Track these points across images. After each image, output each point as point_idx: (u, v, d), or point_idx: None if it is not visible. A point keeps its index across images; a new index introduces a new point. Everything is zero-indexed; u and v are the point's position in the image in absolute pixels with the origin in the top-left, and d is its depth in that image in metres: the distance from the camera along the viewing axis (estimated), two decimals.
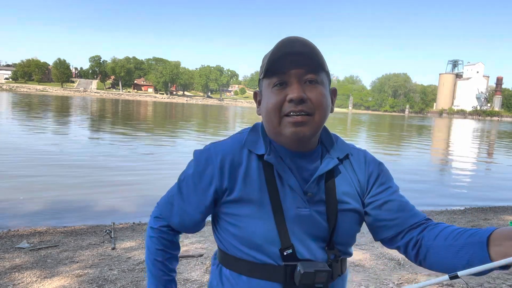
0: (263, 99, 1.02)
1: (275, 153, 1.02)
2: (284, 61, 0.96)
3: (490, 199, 8.28)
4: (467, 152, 20.71)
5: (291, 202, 0.98)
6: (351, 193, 1.04)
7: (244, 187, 0.99)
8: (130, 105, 60.65)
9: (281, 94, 0.97)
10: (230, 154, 1.03)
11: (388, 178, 1.12)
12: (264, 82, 1.01)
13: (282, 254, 0.96)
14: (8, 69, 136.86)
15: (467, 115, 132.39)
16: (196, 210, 1.06)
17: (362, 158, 1.12)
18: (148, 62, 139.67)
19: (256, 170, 1.00)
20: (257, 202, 0.98)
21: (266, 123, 1.03)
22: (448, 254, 0.92)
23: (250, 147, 1.03)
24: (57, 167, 9.12)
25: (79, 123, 23.57)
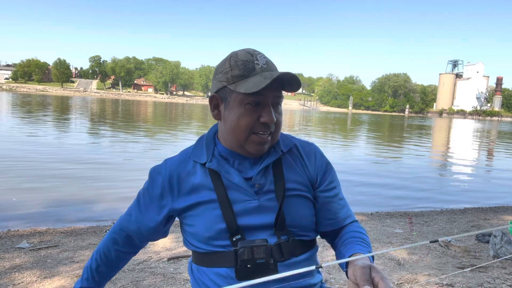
0: (230, 111, 1.06)
1: (218, 158, 1.12)
2: (268, 87, 1.01)
3: (490, 199, 8.28)
4: (467, 152, 20.71)
5: (238, 196, 1.08)
6: (300, 181, 1.15)
7: (192, 194, 1.11)
8: (130, 105, 60.65)
9: (254, 114, 1.04)
10: (177, 167, 1.14)
11: (334, 177, 1.23)
12: (236, 94, 1.04)
13: (232, 240, 1.06)
14: (8, 69, 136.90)
15: (467, 115, 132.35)
16: (151, 220, 1.17)
17: (313, 152, 1.21)
18: (148, 62, 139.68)
19: (202, 177, 1.11)
20: (206, 202, 1.09)
21: (230, 134, 1.08)
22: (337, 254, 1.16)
23: (194, 158, 1.14)
24: (57, 167, 9.11)
25: (79, 123, 23.57)
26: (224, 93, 1.07)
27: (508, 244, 4.11)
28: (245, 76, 1.03)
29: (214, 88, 1.10)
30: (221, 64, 1.09)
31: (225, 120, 1.08)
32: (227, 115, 1.07)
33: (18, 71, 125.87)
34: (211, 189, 1.08)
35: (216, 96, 1.10)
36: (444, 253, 4.33)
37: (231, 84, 1.04)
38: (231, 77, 1.04)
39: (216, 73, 1.10)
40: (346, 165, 11.96)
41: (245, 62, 1.03)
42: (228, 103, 1.06)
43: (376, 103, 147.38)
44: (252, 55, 1.04)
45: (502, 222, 5.96)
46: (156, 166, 1.20)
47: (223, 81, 1.06)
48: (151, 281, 3.19)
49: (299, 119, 48.61)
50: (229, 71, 1.05)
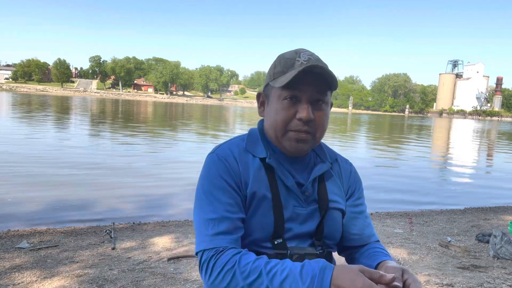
0: (270, 106, 1.09)
1: (275, 156, 1.10)
2: (302, 79, 1.02)
3: (490, 199, 8.28)
4: (467, 152, 20.71)
5: (290, 201, 1.08)
6: (339, 194, 1.17)
7: (249, 186, 1.06)
8: (130, 105, 60.65)
9: (291, 109, 1.04)
10: (238, 154, 1.10)
11: (362, 195, 1.25)
12: (275, 90, 1.06)
13: (273, 243, 1.05)
14: (8, 69, 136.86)
15: (467, 115, 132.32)
16: (239, 209, 1.05)
17: (349, 168, 1.25)
18: (148, 62, 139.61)
19: (259, 171, 1.08)
20: (261, 198, 1.06)
21: (270, 129, 1.10)
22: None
23: (251, 151, 1.10)
24: (57, 167, 9.11)
25: (79, 123, 23.57)
26: (267, 90, 1.11)
27: (508, 244, 4.11)
28: (284, 72, 1.04)
29: (263, 88, 1.15)
30: (272, 64, 1.11)
31: (267, 116, 1.11)
32: (268, 111, 1.10)
33: (18, 71, 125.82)
34: (267, 186, 1.07)
35: (261, 94, 1.14)
36: (444, 253, 4.33)
37: (272, 81, 1.07)
38: (273, 74, 1.07)
39: (268, 73, 1.13)
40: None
41: (288, 59, 1.05)
42: (269, 99, 1.10)
43: (376, 103, 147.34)
44: (297, 52, 1.06)
45: (502, 222, 5.96)
46: (214, 154, 1.10)
47: (267, 79, 1.10)
48: (151, 281, 3.19)
49: None
50: (273, 68, 1.08)
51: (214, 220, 1.01)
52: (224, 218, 1.01)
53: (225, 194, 1.03)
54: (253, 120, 38.76)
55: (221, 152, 1.10)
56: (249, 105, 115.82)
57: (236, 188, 1.05)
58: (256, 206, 1.05)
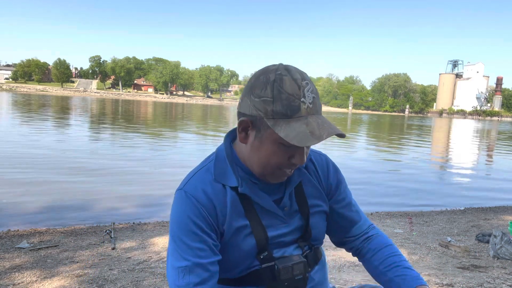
0: (261, 144, 0.96)
1: (246, 181, 1.02)
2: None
3: (490, 199, 8.28)
4: (467, 151, 20.71)
5: (271, 221, 1.05)
6: (318, 195, 1.14)
7: (226, 220, 1.01)
8: (130, 105, 60.65)
9: (285, 154, 0.96)
10: (211, 188, 1.01)
11: (345, 186, 1.21)
12: (270, 131, 0.93)
13: (259, 258, 1.04)
14: (8, 69, 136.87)
15: (467, 115, 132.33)
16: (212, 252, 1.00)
17: (325, 163, 1.18)
18: (148, 62, 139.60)
19: (233, 203, 1.02)
20: (240, 228, 1.02)
21: (256, 167, 1.00)
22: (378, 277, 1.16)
23: (221, 181, 1.02)
24: (57, 167, 9.11)
25: (79, 123, 23.57)
26: (258, 123, 0.94)
27: (508, 244, 4.11)
28: (287, 116, 0.90)
29: (247, 109, 0.95)
30: (260, 84, 0.93)
31: (253, 150, 0.98)
32: (256, 146, 0.97)
33: (18, 71, 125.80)
34: (242, 214, 1.02)
35: (247, 121, 0.96)
36: (444, 253, 4.33)
37: (269, 119, 0.91)
38: (271, 111, 0.91)
39: (252, 91, 0.94)
40: (346, 164, 11.95)
41: (291, 96, 0.89)
42: (261, 136, 0.95)
43: (376, 103, 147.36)
44: (300, 87, 0.90)
45: (502, 222, 5.96)
46: (188, 187, 1.02)
47: (260, 111, 0.92)
48: (151, 281, 3.19)
49: None
50: (270, 102, 0.90)
51: (185, 268, 0.96)
52: (195, 265, 0.96)
53: (195, 239, 0.96)
54: None
55: (190, 188, 1.01)
56: None
57: (208, 229, 0.98)
58: (236, 237, 1.02)
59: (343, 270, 3.62)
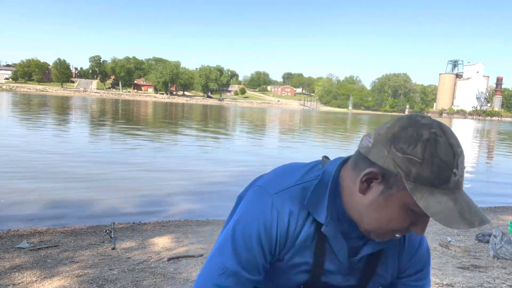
0: (386, 203, 0.83)
1: (334, 220, 0.91)
2: None
3: (490, 199, 8.28)
4: (467, 151, 20.71)
5: (331, 266, 0.96)
6: (391, 270, 1.02)
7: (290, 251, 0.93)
8: (130, 105, 60.65)
9: (408, 221, 0.84)
10: (297, 212, 0.91)
11: (425, 274, 1.07)
12: (405, 194, 0.80)
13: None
14: (8, 69, 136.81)
15: (467, 115, 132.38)
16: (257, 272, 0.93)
17: (417, 243, 1.03)
18: (148, 62, 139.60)
19: (307, 236, 0.92)
20: (300, 263, 0.95)
21: (366, 222, 0.88)
22: None
23: (310, 209, 0.91)
24: (57, 167, 9.12)
25: (79, 123, 23.57)
26: (392, 180, 0.81)
27: (508, 244, 4.11)
28: (433, 185, 0.77)
29: (380, 159, 0.81)
30: (408, 138, 0.79)
31: (372, 205, 0.85)
32: (379, 203, 0.84)
33: (18, 71, 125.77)
34: (311, 251, 0.93)
35: (377, 174, 0.82)
36: (444, 253, 4.33)
37: (409, 182, 0.78)
38: (415, 174, 0.77)
39: (394, 142, 0.80)
40: None
41: (443, 165, 0.77)
42: (389, 194, 0.82)
43: (376, 103, 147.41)
44: (455, 154, 0.78)
45: (502, 222, 5.96)
46: (277, 199, 0.91)
47: (401, 169, 0.78)
48: (151, 281, 3.19)
49: (300, 119, 48.60)
50: (417, 164, 0.77)
51: (226, 270, 0.90)
52: (235, 274, 0.90)
53: (250, 251, 0.90)
54: (253, 120, 38.76)
55: (278, 201, 0.90)
56: (249, 105, 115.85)
57: (268, 252, 0.91)
58: (292, 269, 0.94)
59: None
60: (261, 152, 14.81)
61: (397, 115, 28.41)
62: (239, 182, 8.64)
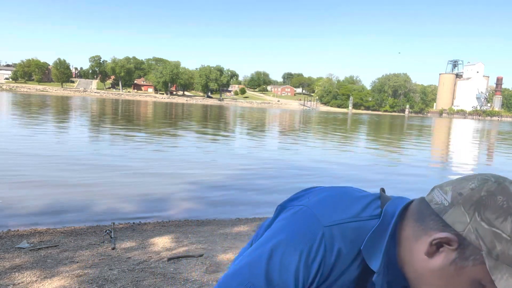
0: (455, 276, 0.73)
1: (384, 271, 0.82)
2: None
3: None
4: (467, 151, 20.72)
5: None
6: None
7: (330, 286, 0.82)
8: (130, 105, 60.65)
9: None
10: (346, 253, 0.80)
11: None
12: (480, 271, 0.70)
13: None
14: (8, 69, 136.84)
15: (467, 115, 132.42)
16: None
17: None
18: (148, 62, 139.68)
19: (351, 278, 0.82)
20: None
21: (427, 286, 0.77)
22: None
23: (365, 253, 0.79)
24: (57, 167, 9.12)
25: (80, 123, 23.58)
26: (469, 251, 0.70)
27: None
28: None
29: (459, 224, 0.71)
30: (497, 208, 0.69)
31: (440, 273, 0.74)
32: (448, 272, 0.73)
33: (18, 71, 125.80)
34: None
35: (454, 241, 0.72)
36: None
37: (491, 259, 0.68)
38: (500, 251, 0.68)
39: (479, 209, 0.70)
40: (346, 164, 11.96)
41: None
42: (463, 266, 0.71)
43: (376, 103, 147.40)
44: None
45: None
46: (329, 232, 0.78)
47: (484, 242, 0.69)
48: (151, 281, 3.19)
49: (300, 119, 48.61)
50: (504, 241, 0.68)
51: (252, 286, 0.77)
52: None
53: (284, 284, 0.77)
54: (253, 120, 38.76)
55: (329, 236, 0.78)
56: (249, 105, 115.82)
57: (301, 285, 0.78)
58: None
59: None
60: (261, 151, 14.81)
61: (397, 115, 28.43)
62: (239, 182, 8.64)
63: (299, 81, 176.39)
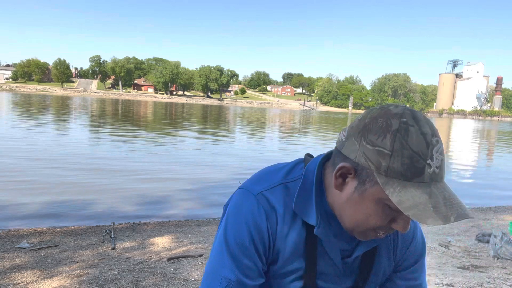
0: (361, 199, 0.80)
1: (325, 220, 0.88)
2: None
3: (490, 199, 8.28)
4: (467, 151, 20.71)
5: (325, 269, 0.93)
6: (384, 267, 0.98)
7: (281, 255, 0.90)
8: (130, 105, 60.65)
9: (387, 216, 0.80)
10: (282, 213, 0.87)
11: (421, 265, 1.03)
12: (378, 189, 0.76)
13: None
14: (8, 69, 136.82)
15: (467, 115, 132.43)
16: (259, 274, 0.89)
17: (410, 236, 0.99)
18: (148, 62, 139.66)
19: (298, 238, 0.89)
20: (294, 270, 0.91)
21: (346, 220, 0.84)
22: None
23: (298, 212, 0.87)
24: (57, 167, 9.11)
25: (80, 123, 23.57)
26: (364, 174, 0.78)
27: (508, 244, 4.11)
28: (406, 178, 0.73)
29: (352, 153, 0.78)
30: (378, 129, 0.76)
31: (349, 202, 0.82)
32: (354, 200, 0.81)
33: (18, 71, 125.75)
34: (301, 254, 0.89)
35: (349, 169, 0.79)
36: (444, 253, 4.33)
37: (381, 176, 0.75)
38: (385, 167, 0.74)
39: (363, 134, 0.77)
40: None
41: (415, 155, 0.72)
42: (363, 190, 0.78)
43: (376, 103, 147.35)
44: (428, 145, 0.73)
45: (502, 222, 5.96)
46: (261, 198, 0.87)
47: (372, 162, 0.75)
48: (151, 281, 3.19)
49: (300, 119, 48.60)
50: (387, 156, 0.73)
51: (229, 281, 0.86)
52: (239, 283, 0.86)
53: (247, 255, 0.86)
54: (253, 119, 38.76)
55: (263, 200, 0.87)
56: (249, 105, 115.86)
57: (263, 253, 0.88)
58: (285, 277, 0.91)
59: None
60: (261, 151, 14.81)
61: None
62: (239, 182, 8.64)
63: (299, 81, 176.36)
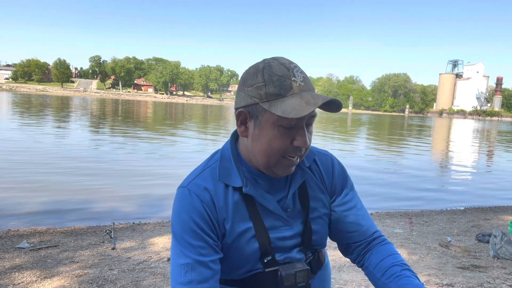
0: (261, 131, 0.95)
1: (251, 181, 1.02)
2: (307, 115, 0.93)
3: (490, 199, 8.28)
4: (467, 152, 20.71)
5: (274, 223, 1.04)
6: (321, 199, 1.11)
7: (228, 222, 1.00)
8: (130, 105, 60.65)
9: (287, 137, 0.95)
10: (214, 189, 1.01)
11: (351, 188, 1.17)
12: (269, 115, 0.93)
13: (262, 262, 1.03)
14: (8, 69, 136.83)
15: (467, 115, 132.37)
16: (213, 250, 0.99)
17: (330, 163, 1.16)
18: (148, 62, 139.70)
19: (236, 204, 1.01)
20: (243, 231, 1.01)
21: (260, 156, 0.98)
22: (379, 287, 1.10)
23: (225, 181, 1.01)
24: (57, 167, 9.11)
25: (80, 123, 23.57)
26: (254, 110, 0.95)
27: (508, 244, 4.11)
28: (281, 95, 0.91)
29: (242, 101, 0.97)
30: (251, 74, 0.96)
31: (254, 140, 0.97)
32: (257, 134, 0.96)
33: (18, 71, 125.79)
34: (246, 216, 1.01)
35: (244, 112, 0.97)
36: (444, 253, 4.33)
37: (264, 103, 0.92)
38: (264, 94, 0.92)
39: (244, 83, 0.97)
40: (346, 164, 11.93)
41: (281, 77, 0.92)
42: (259, 122, 0.95)
43: (376, 103, 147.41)
44: (288, 69, 0.93)
45: (502, 222, 5.96)
46: (192, 186, 1.01)
47: (255, 97, 0.93)
48: (151, 281, 3.19)
49: None
50: (262, 86, 0.92)
51: (187, 265, 0.96)
52: (196, 263, 0.96)
53: (196, 237, 0.97)
54: None
55: (193, 187, 1.01)
56: None
57: (209, 230, 0.98)
58: (239, 240, 1.01)
59: (343, 270, 3.63)
60: None
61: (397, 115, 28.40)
62: None
63: None
